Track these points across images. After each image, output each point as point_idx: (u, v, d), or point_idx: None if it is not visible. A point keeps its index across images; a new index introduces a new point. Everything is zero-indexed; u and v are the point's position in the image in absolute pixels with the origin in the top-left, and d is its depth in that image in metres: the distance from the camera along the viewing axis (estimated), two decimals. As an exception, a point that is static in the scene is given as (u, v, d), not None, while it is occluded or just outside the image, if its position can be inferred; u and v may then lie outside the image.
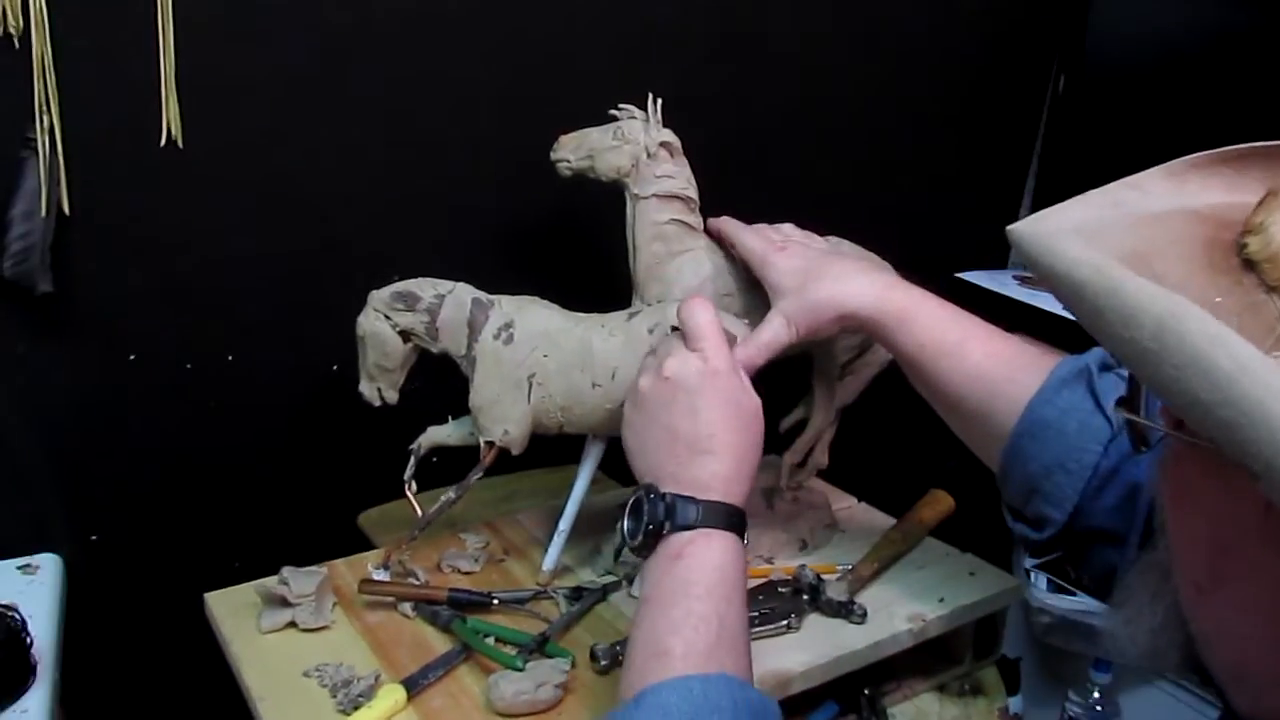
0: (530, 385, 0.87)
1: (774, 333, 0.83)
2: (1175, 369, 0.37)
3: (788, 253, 0.86)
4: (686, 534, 0.68)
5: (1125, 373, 0.72)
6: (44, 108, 0.87)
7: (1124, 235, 0.44)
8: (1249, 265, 0.41)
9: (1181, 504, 0.48)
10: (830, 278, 0.83)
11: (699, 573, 0.66)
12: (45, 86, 0.87)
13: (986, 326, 0.82)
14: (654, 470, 0.73)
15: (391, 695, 0.76)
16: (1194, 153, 0.48)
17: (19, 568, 0.95)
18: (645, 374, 0.76)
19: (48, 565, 0.96)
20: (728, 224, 0.92)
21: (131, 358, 0.99)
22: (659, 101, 0.90)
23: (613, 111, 0.91)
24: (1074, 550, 0.77)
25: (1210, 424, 0.37)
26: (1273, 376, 0.35)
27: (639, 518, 0.70)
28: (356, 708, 0.75)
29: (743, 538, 0.70)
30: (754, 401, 0.75)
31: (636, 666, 0.64)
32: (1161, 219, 0.45)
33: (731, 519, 0.69)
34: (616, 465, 0.74)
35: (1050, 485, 0.75)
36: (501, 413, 0.87)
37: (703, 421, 0.72)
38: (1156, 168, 0.47)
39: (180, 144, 0.93)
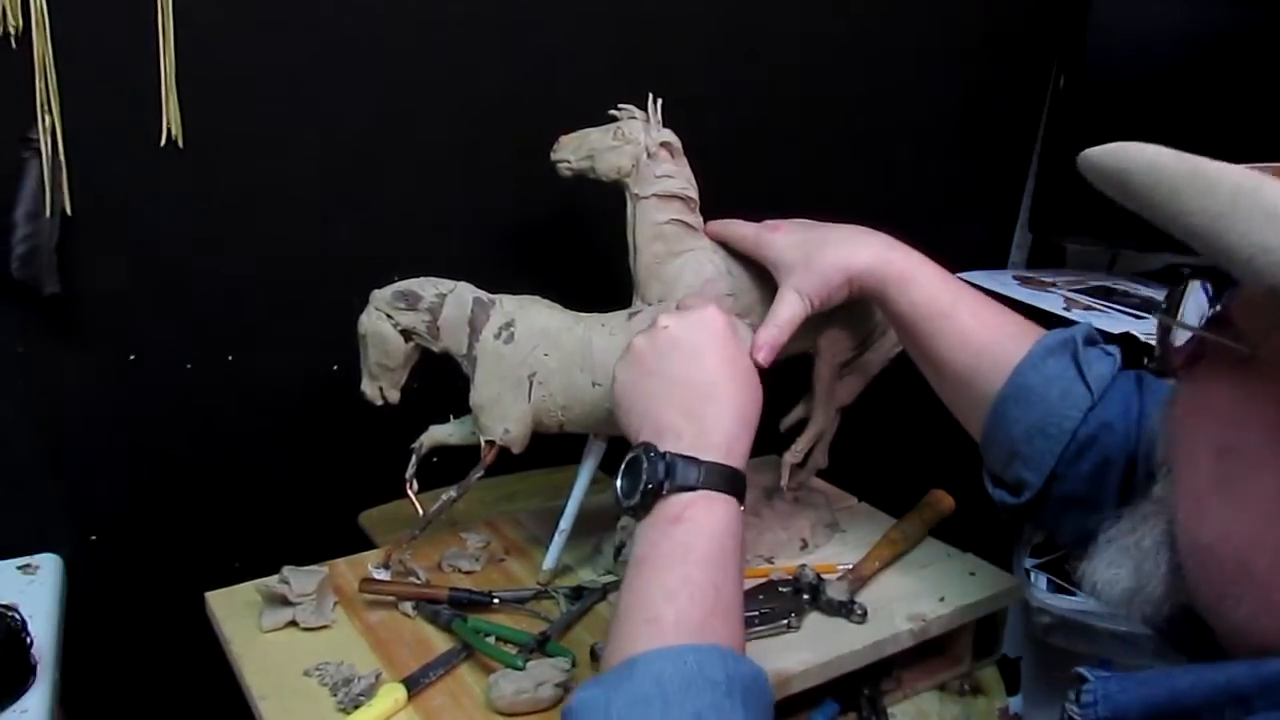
0: (531, 384, 0.87)
1: (790, 308, 0.83)
2: (1247, 223, 0.42)
3: (781, 230, 0.88)
4: (687, 496, 0.65)
5: (1113, 348, 0.77)
6: (45, 108, 0.87)
7: None
8: None
9: (1193, 417, 0.52)
10: (833, 243, 0.84)
11: (698, 538, 0.64)
12: (46, 86, 0.87)
13: (979, 294, 0.84)
14: (654, 423, 0.69)
15: (392, 694, 0.76)
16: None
17: (19, 568, 0.95)
18: (638, 337, 0.75)
19: (48, 565, 0.96)
20: (716, 223, 0.93)
21: (131, 358, 0.99)
22: (659, 101, 0.90)
23: (612, 111, 0.91)
24: (1049, 516, 0.77)
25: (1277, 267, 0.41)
26: None
27: (636, 477, 0.67)
28: (357, 706, 0.75)
29: (742, 502, 0.68)
30: (751, 365, 0.75)
31: (626, 631, 0.62)
32: None
33: (733, 482, 0.67)
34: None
35: (1030, 449, 0.76)
36: (502, 411, 0.88)
37: (705, 369, 0.70)
38: None
39: (180, 144, 0.94)
